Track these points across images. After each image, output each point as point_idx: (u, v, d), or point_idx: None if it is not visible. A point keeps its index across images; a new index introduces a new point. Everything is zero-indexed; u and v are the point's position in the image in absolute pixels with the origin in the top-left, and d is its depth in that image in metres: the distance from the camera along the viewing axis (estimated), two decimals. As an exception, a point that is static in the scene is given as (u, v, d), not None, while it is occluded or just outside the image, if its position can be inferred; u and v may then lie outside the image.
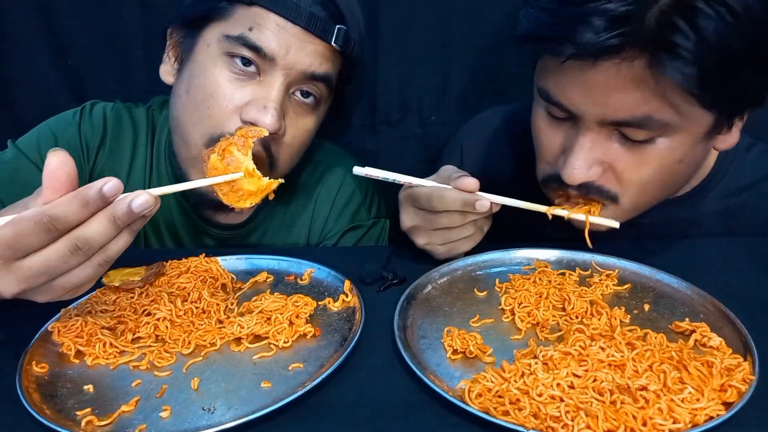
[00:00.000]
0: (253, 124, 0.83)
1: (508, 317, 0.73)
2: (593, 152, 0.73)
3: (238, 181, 0.76)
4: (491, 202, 0.78)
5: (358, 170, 0.80)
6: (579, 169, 0.73)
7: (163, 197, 0.98)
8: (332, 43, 0.85)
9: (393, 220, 1.08)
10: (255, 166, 0.78)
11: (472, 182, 0.77)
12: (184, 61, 0.90)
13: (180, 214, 1.02)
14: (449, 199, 0.77)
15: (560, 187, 0.78)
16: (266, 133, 0.82)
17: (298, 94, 0.88)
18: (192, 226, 1.02)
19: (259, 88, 0.84)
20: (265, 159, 0.87)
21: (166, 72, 0.93)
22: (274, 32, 0.82)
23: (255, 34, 0.82)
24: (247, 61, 0.84)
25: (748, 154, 0.91)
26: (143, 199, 0.58)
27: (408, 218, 0.82)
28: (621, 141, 0.73)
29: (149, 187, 0.98)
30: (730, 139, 0.78)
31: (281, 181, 0.80)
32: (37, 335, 0.69)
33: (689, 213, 0.91)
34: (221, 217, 1.01)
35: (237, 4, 0.84)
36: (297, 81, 0.86)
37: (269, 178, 0.79)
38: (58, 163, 0.56)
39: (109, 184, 0.56)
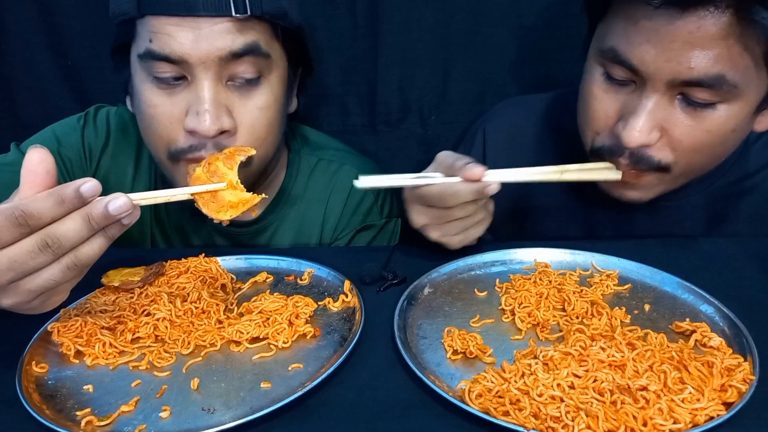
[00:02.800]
0: (195, 132, 0.81)
1: (508, 317, 0.73)
2: (655, 115, 0.74)
3: (220, 192, 0.74)
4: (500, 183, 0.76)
5: (362, 182, 0.78)
6: (641, 131, 0.74)
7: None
8: (234, 15, 0.79)
9: (404, 218, 1.08)
10: (239, 180, 0.76)
11: (480, 170, 0.74)
12: (130, 91, 0.90)
13: (188, 212, 1.01)
14: (462, 192, 0.75)
15: (610, 157, 0.79)
16: (253, 152, 0.81)
17: (236, 80, 0.84)
18: (201, 224, 1.02)
19: (191, 94, 0.82)
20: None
21: (129, 104, 0.94)
22: (171, 34, 0.79)
23: (156, 44, 0.79)
24: (173, 77, 0.82)
25: (755, 145, 0.94)
26: (121, 202, 0.56)
27: (419, 217, 0.80)
28: (683, 106, 0.74)
29: (155, 188, 0.99)
30: (766, 121, 0.81)
31: (264, 196, 0.77)
32: (36, 335, 0.69)
33: (700, 196, 0.93)
34: None
35: (137, 22, 0.82)
36: (222, 68, 0.81)
37: (253, 193, 0.76)
38: (38, 159, 0.56)
39: (88, 184, 0.55)
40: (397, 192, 1.11)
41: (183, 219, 1.02)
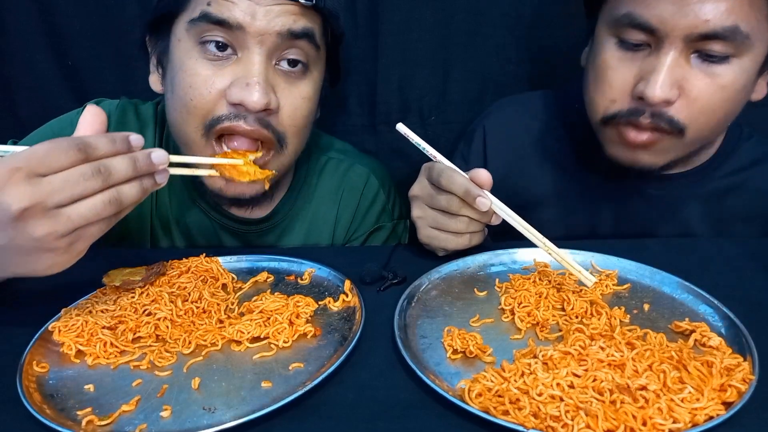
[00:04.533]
0: (241, 105, 0.80)
1: (508, 317, 0.73)
2: (674, 72, 0.78)
3: (238, 166, 0.81)
4: (494, 212, 0.79)
5: (401, 127, 0.83)
6: (663, 85, 0.78)
7: (177, 188, 1.00)
8: (300, 0, 0.81)
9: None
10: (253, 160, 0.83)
11: (485, 176, 0.78)
12: (164, 64, 0.89)
13: (195, 212, 1.00)
14: (456, 181, 0.78)
15: (630, 120, 0.83)
16: (260, 154, 0.83)
17: (283, 64, 0.84)
18: (208, 223, 1.00)
19: (239, 68, 0.81)
20: (272, 138, 0.85)
21: (155, 81, 0.92)
22: (234, 1, 0.79)
23: (215, 7, 0.79)
24: (221, 45, 0.81)
25: (747, 142, 0.98)
26: (162, 154, 0.65)
27: (417, 186, 0.85)
28: (698, 63, 0.79)
29: None
30: (761, 90, 0.87)
31: (275, 172, 0.84)
32: (37, 335, 0.69)
33: (696, 188, 0.96)
34: (240, 210, 0.99)
35: None
36: (276, 47, 0.82)
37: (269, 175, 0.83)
38: (93, 112, 0.66)
39: (135, 135, 0.64)
40: (404, 193, 1.11)
41: (188, 215, 1.01)
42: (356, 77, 1.23)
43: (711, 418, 0.54)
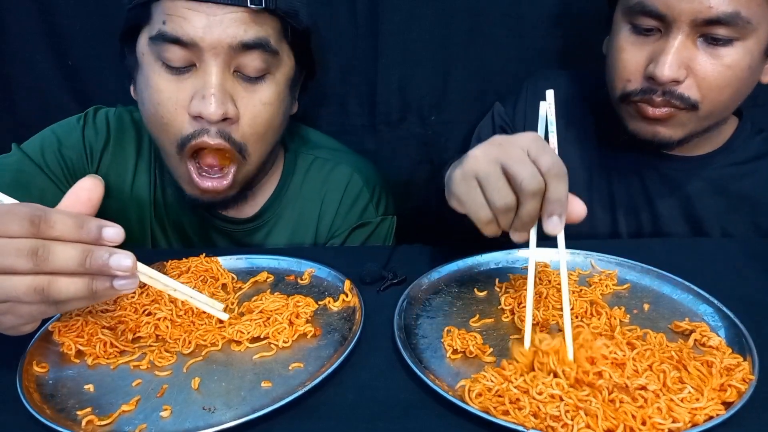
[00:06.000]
0: (200, 117, 0.82)
1: (508, 317, 0.73)
2: (681, 54, 0.85)
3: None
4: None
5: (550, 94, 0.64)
6: (671, 65, 0.84)
7: (169, 191, 1.01)
8: (249, 5, 0.81)
9: (399, 216, 1.09)
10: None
11: (580, 208, 0.62)
12: (135, 78, 0.90)
13: (188, 212, 1.02)
14: (548, 160, 0.59)
15: (643, 98, 0.89)
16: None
17: (241, 70, 0.85)
18: (199, 220, 1.03)
19: (198, 80, 0.83)
20: (231, 150, 0.86)
21: (133, 92, 0.93)
22: (186, 17, 0.80)
23: (169, 26, 0.81)
24: (179, 60, 0.82)
25: (757, 136, 1.03)
26: (125, 261, 0.55)
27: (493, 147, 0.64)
28: (704, 46, 0.85)
29: (155, 186, 1.01)
30: None
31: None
32: (37, 335, 0.69)
33: (704, 171, 1.01)
34: (229, 210, 1.01)
35: (152, 4, 0.83)
36: (230, 58, 0.83)
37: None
38: (88, 185, 0.58)
39: (113, 229, 0.55)
40: (392, 190, 1.12)
41: (182, 216, 1.03)
42: (356, 77, 1.23)
43: (711, 418, 0.54)
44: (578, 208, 0.62)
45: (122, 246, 1.02)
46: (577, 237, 0.86)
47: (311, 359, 0.66)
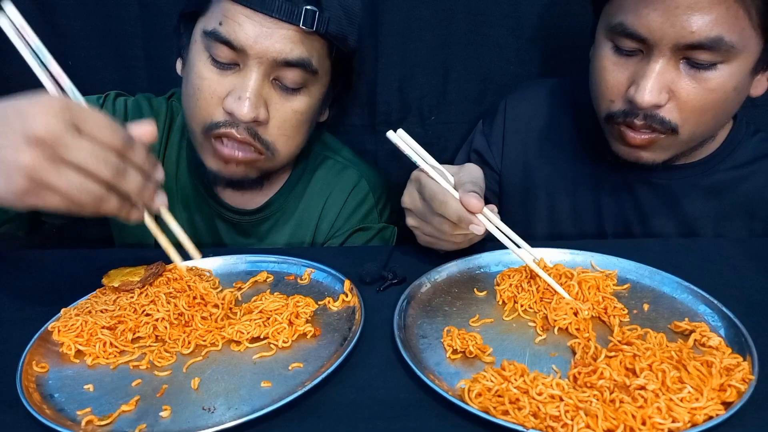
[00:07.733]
0: (233, 114, 0.87)
1: (508, 315, 0.73)
2: (663, 78, 0.82)
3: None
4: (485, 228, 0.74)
5: (391, 135, 0.78)
6: (651, 91, 0.82)
7: (181, 176, 1.06)
8: (301, 26, 0.85)
9: (401, 226, 1.08)
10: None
11: (476, 204, 0.72)
12: (184, 56, 0.95)
13: (195, 195, 1.05)
14: (449, 208, 0.73)
15: (625, 120, 0.87)
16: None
17: (280, 80, 0.90)
18: (206, 208, 1.06)
19: (238, 79, 0.88)
20: (259, 145, 0.90)
21: (179, 67, 0.99)
22: (241, 24, 0.85)
23: (224, 28, 0.85)
24: (225, 57, 0.87)
25: (753, 138, 1.01)
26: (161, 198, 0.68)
27: (408, 198, 0.81)
28: (686, 69, 0.82)
29: (167, 176, 1.02)
30: (761, 87, 0.89)
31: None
32: (37, 335, 0.69)
33: (700, 179, 0.99)
34: (236, 199, 1.04)
35: (213, 0, 0.88)
36: (272, 69, 0.88)
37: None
38: (149, 130, 0.66)
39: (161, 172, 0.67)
40: (392, 191, 1.12)
41: (190, 200, 1.06)
42: (356, 77, 1.23)
43: (710, 417, 0.54)
44: (473, 204, 0.72)
45: (132, 232, 1.06)
46: (571, 238, 0.86)
47: (311, 359, 0.66)
